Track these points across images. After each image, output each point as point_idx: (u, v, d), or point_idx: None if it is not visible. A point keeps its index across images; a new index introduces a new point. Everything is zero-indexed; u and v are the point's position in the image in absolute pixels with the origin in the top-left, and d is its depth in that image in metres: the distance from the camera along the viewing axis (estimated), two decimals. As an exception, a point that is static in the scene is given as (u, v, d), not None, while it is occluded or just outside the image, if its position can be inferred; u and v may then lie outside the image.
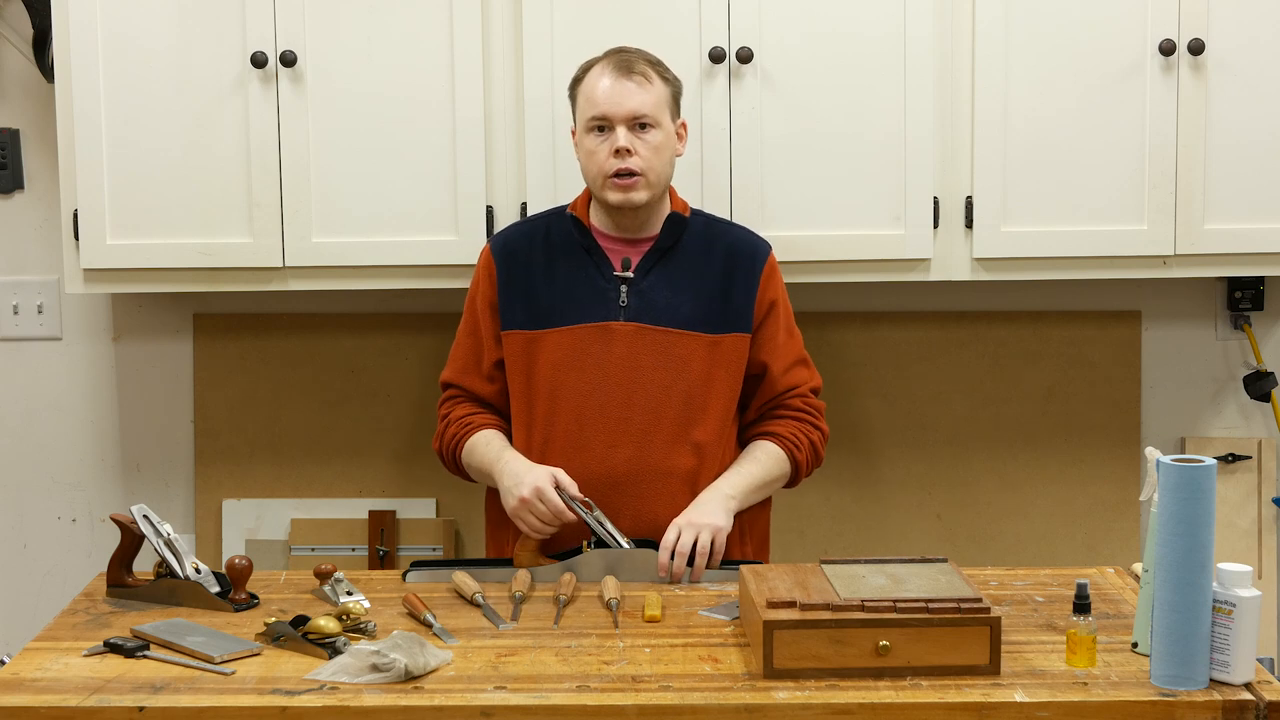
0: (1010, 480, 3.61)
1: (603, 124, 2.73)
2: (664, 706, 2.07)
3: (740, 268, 2.82)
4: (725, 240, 2.85)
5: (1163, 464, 2.07)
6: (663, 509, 2.75)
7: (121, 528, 2.56)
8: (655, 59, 2.81)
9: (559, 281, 2.80)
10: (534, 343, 2.79)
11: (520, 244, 2.85)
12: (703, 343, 2.78)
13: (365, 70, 3.15)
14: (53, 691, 2.12)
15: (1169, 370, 3.61)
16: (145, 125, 3.17)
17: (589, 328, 2.77)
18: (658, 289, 2.79)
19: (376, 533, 3.57)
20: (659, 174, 2.76)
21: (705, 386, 2.78)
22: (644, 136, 2.73)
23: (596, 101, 2.73)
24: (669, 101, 2.78)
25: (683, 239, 2.82)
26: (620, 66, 2.74)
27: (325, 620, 2.27)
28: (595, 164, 2.75)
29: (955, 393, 3.59)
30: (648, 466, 2.76)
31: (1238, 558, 3.55)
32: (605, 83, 2.73)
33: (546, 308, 2.79)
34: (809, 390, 2.89)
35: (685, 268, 2.81)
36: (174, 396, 3.64)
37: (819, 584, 2.27)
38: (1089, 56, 3.14)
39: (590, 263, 2.80)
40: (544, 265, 2.82)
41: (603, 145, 2.73)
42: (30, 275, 3.62)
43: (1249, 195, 3.17)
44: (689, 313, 2.78)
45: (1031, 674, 2.15)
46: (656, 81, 2.76)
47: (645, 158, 2.72)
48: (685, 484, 2.77)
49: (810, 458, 2.86)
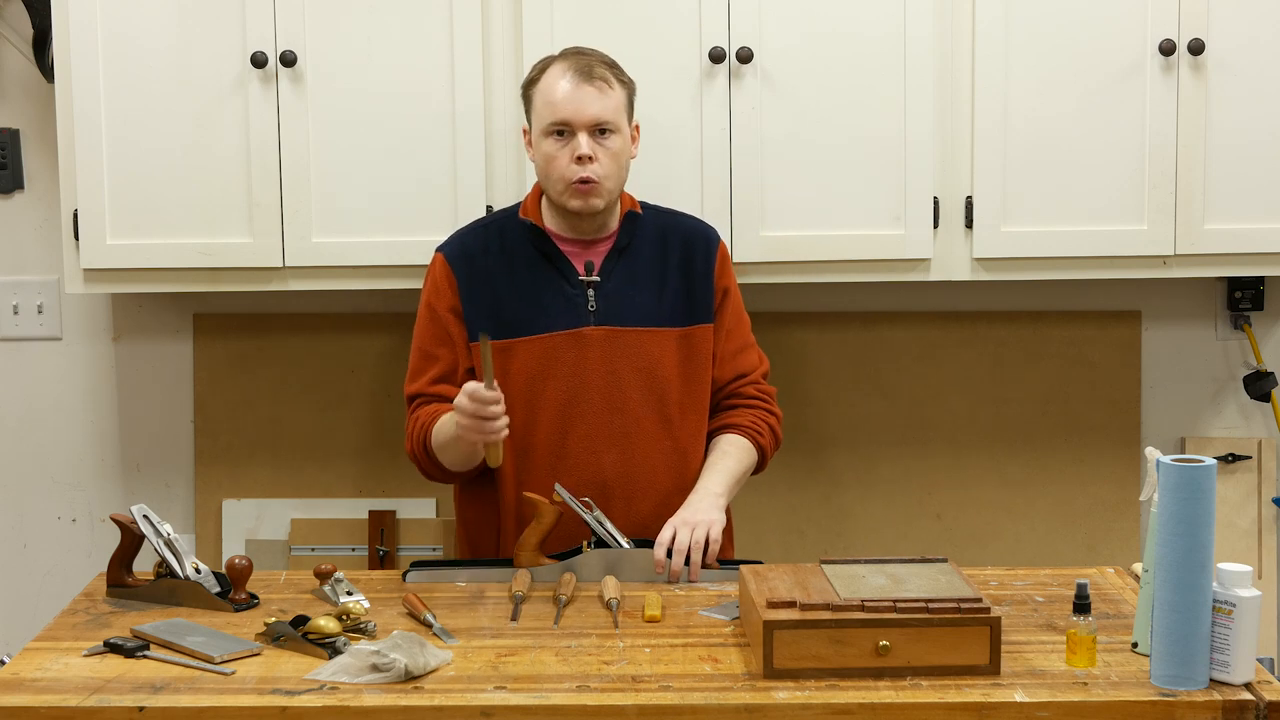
0: (1010, 480, 3.61)
1: (563, 129, 2.71)
2: (664, 706, 2.07)
3: (697, 258, 2.84)
4: (678, 231, 2.86)
5: (1163, 464, 2.07)
6: (651, 508, 2.76)
7: (121, 528, 2.56)
8: (611, 60, 2.79)
9: (524, 289, 2.78)
10: (505, 352, 2.75)
11: (476, 250, 2.81)
12: (673, 337, 2.79)
13: (365, 70, 3.15)
14: (53, 691, 2.12)
15: (1169, 370, 3.61)
16: (145, 125, 3.17)
17: (561, 335, 2.76)
18: (623, 289, 2.79)
19: (376, 533, 3.57)
20: (617, 180, 2.76)
21: (681, 381, 2.79)
22: (604, 143, 2.72)
23: (557, 106, 2.71)
24: (626, 105, 2.77)
25: (638, 236, 2.82)
26: (580, 71, 2.71)
27: (325, 620, 2.27)
28: (556, 170, 2.72)
29: (955, 393, 3.59)
30: (633, 468, 2.77)
31: (1238, 558, 3.55)
32: (565, 86, 2.71)
33: (514, 317, 2.77)
34: (760, 376, 2.90)
35: (645, 264, 2.81)
36: (174, 396, 3.64)
37: (819, 584, 2.27)
38: (1089, 56, 3.14)
39: (554, 269, 2.78)
40: (506, 273, 2.79)
41: (563, 151, 2.71)
42: (30, 275, 3.62)
43: (1249, 195, 3.17)
44: (656, 309, 2.79)
45: (1031, 674, 2.15)
46: (615, 86, 2.74)
47: (605, 164, 2.72)
48: (672, 481, 2.78)
49: (772, 442, 2.88)
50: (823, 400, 3.55)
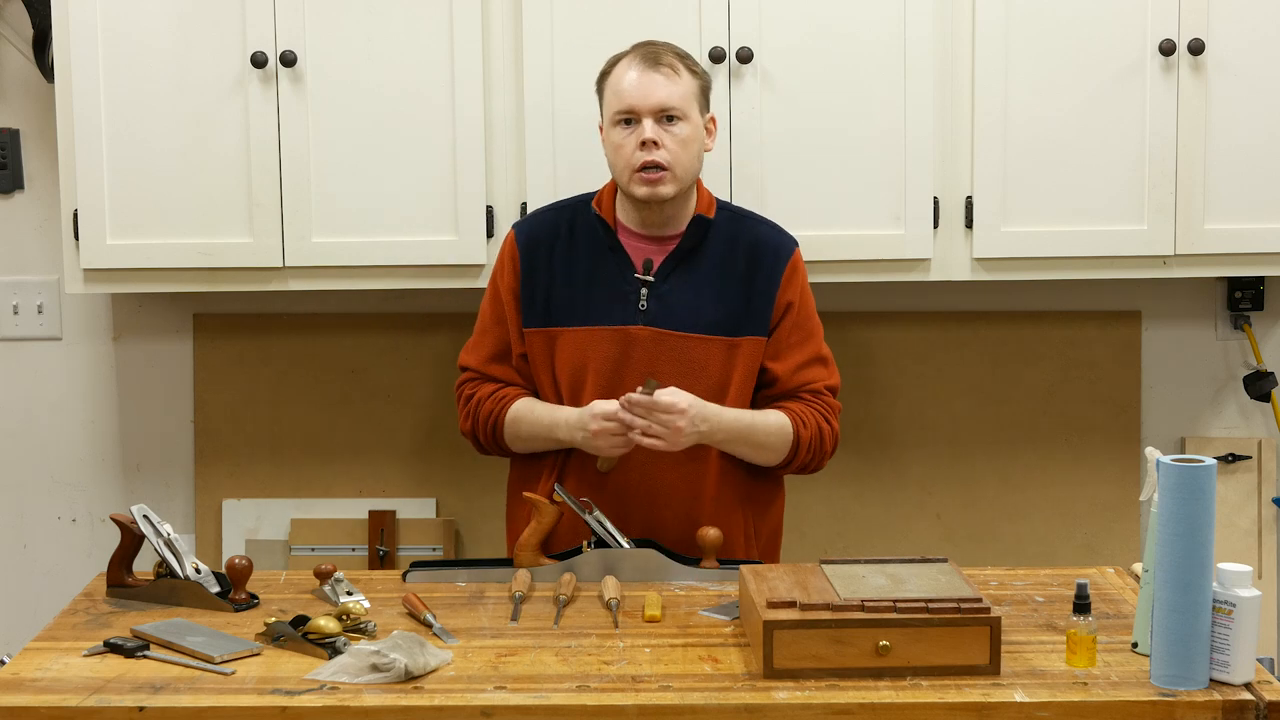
0: (1010, 480, 3.61)
1: (629, 117, 2.70)
2: (664, 706, 2.07)
3: (762, 269, 2.78)
4: (749, 238, 2.80)
5: (1163, 464, 2.07)
6: (671, 516, 2.75)
7: (121, 528, 2.56)
8: (683, 52, 2.77)
9: (579, 278, 2.77)
10: (552, 340, 2.77)
11: (544, 235, 2.81)
12: (720, 346, 2.75)
13: (365, 70, 3.15)
14: (53, 691, 2.12)
15: (1169, 370, 3.61)
16: (145, 125, 3.17)
17: (606, 330, 2.75)
18: (678, 292, 2.76)
19: (376, 533, 3.57)
20: (686, 168, 2.71)
21: (720, 391, 2.75)
22: (671, 129, 2.69)
23: (623, 94, 2.70)
24: (697, 95, 2.74)
25: (706, 240, 2.78)
26: (647, 58, 2.70)
27: (325, 620, 2.27)
28: (622, 157, 2.71)
29: (955, 393, 3.59)
30: (660, 473, 2.75)
31: (1238, 558, 3.55)
32: (632, 75, 2.70)
33: (565, 304, 2.77)
34: (823, 387, 2.82)
35: (707, 270, 2.77)
36: (174, 396, 3.64)
37: (819, 584, 2.27)
38: (1089, 56, 3.14)
39: (612, 261, 2.77)
40: (565, 260, 2.79)
41: (629, 138, 2.69)
42: (30, 275, 3.61)
43: (1249, 195, 3.17)
44: (708, 316, 2.75)
45: (1031, 674, 2.15)
46: (684, 74, 2.72)
47: (672, 150, 2.69)
48: (695, 492, 2.77)
49: (814, 440, 2.78)
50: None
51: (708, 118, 2.78)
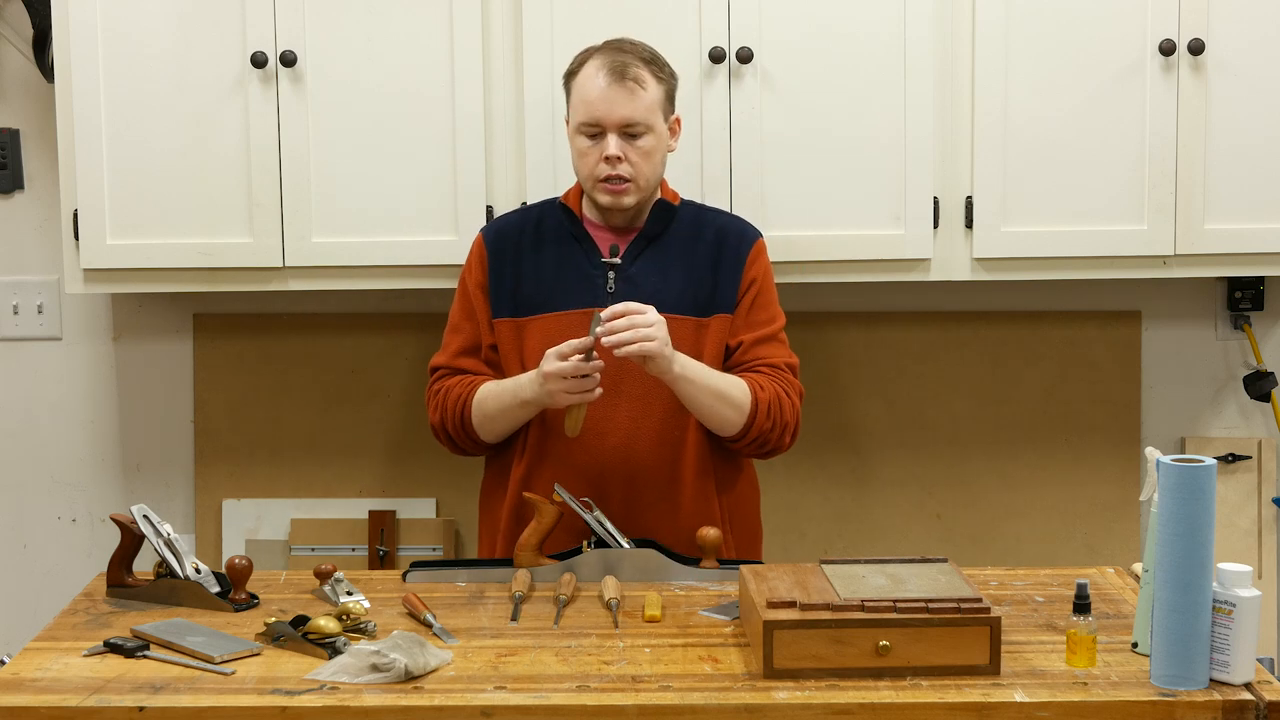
0: (1010, 480, 3.61)
1: (594, 131, 2.73)
2: (664, 706, 2.06)
3: (728, 250, 2.83)
4: (715, 225, 2.86)
5: (1163, 464, 2.07)
6: (649, 498, 2.76)
7: (121, 528, 2.56)
8: (651, 55, 2.79)
9: (546, 268, 2.81)
10: (522, 329, 2.80)
11: (511, 231, 2.86)
12: (689, 326, 2.78)
13: (365, 70, 3.16)
14: (53, 691, 2.12)
15: (1169, 370, 3.61)
16: (145, 125, 3.17)
17: (575, 314, 2.77)
18: (645, 274, 2.79)
19: (376, 533, 3.57)
20: (649, 178, 2.77)
21: None
22: (635, 144, 2.73)
23: (589, 104, 2.72)
24: (662, 102, 2.77)
25: (671, 225, 2.83)
26: (615, 71, 2.72)
27: (325, 620, 2.27)
28: (586, 166, 2.76)
29: (955, 393, 3.59)
30: (637, 454, 2.77)
31: (1238, 558, 3.55)
32: (599, 85, 2.72)
33: (533, 295, 2.80)
34: (783, 364, 2.81)
35: (673, 252, 2.81)
36: (174, 396, 3.64)
37: (819, 584, 2.27)
38: (1089, 56, 3.14)
39: (579, 249, 2.81)
40: (533, 252, 2.83)
41: (594, 149, 2.74)
42: (30, 275, 3.62)
43: (1249, 195, 3.17)
44: (677, 296, 2.78)
45: (1031, 674, 2.15)
46: (650, 84, 2.74)
47: (635, 164, 2.73)
48: (672, 473, 2.78)
49: (774, 406, 2.74)
50: (823, 400, 3.55)
51: (672, 119, 2.82)
